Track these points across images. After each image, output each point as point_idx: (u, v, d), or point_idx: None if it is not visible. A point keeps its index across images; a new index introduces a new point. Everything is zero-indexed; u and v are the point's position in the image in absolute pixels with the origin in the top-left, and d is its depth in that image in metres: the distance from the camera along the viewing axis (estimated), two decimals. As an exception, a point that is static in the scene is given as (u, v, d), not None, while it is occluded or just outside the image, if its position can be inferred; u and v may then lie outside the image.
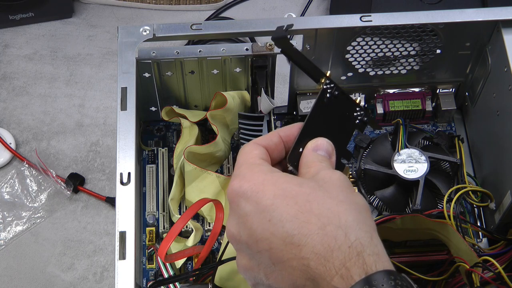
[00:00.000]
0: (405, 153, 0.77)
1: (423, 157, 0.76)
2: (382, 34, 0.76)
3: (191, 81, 0.80)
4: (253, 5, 1.08)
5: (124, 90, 0.69)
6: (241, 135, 0.76)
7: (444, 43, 0.78)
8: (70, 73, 1.01)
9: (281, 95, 0.92)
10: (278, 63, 0.80)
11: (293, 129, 0.56)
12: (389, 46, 0.78)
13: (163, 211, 0.79)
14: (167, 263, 0.74)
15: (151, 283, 0.73)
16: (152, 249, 0.78)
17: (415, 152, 0.77)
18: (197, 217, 0.80)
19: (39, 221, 0.89)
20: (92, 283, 0.85)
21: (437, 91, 0.85)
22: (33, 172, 0.92)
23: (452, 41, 0.77)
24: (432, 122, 0.87)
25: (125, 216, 0.63)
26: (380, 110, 0.85)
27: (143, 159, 0.84)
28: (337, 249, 0.46)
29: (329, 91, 0.57)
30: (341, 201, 0.49)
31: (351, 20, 0.73)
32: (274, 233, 0.48)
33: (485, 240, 0.79)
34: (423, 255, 0.75)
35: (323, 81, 0.57)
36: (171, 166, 0.82)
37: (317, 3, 1.08)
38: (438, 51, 0.79)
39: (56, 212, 0.89)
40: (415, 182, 0.75)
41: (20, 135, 0.95)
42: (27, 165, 0.92)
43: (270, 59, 0.78)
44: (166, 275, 0.75)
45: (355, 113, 0.59)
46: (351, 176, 0.81)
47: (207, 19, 1.06)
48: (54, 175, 0.90)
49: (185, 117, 0.81)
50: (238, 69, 0.79)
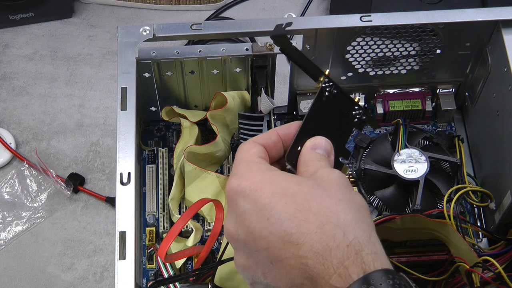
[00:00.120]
0: (405, 153, 0.77)
1: (423, 157, 0.76)
2: (382, 34, 0.76)
3: (191, 81, 0.80)
4: (253, 5, 1.08)
5: (124, 90, 0.69)
6: (241, 135, 0.76)
7: (444, 43, 0.78)
8: (70, 73, 1.01)
9: (281, 95, 0.92)
10: (278, 63, 0.80)
11: (292, 128, 0.55)
12: (389, 46, 0.78)
13: (163, 211, 0.79)
14: (167, 263, 0.74)
15: (151, 283, 0.73)
16: (152, 249, 0.78)
17: (415, 152, 0.77)
18: (197, 217, 0.80)
19: (39, 221, 0.89)
20: (92, 283, 0.85)
21: (437, 91, 0.85)
22: (33, 172, 0.92)
23: (452, 41, 0.77)
24: (432, 122, 0.87)
25: (125, 216, 0.63)
26: (380, 110, 0.85)
27: (143, 159, 0.84)
28: (335, 248, 0.46)
29: (327, 89, 0.57)
30: (340, 200, 0.49)
31: (351, 20, 0.73)
32: (272, 231, 0.48)
33: (485, 240, 0.79)
34: (423, 255, 0.75)
35: (321, 79, 0.57)
36: (171, 166, 0.82)
37: (317, 3, 1.08)
38: (438, 51, 0.79)
39: (56, 212, 0.89)
40: (415, 182, 0.75)
41: (20, 135, 0.95)
42: (27, 165, 0.92)
43: (270, 59, 0.78)
44: (166, 275, 0.75)
45: (354, 112, 0.59)
46: (351, 176, 0.81)
47: (207, 19, 1.06)
48: (54, 175, 0.90)
49: (185, 117, 0.81)
50: (238, 69, 0.79)
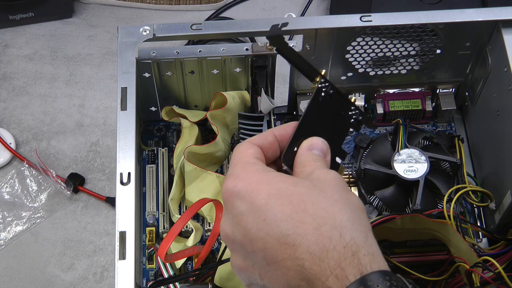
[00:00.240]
0: (405, 153, 0.77)
1: (423, 157, 0.76)
2: (382, 34, 0.76)
3: (191, 81, 0.80)
4: (253, 5, 1.08)
5: (124, 90, 0.69)
6: (241, 135, 0.76)
7: (444, 43, 0.78)
8: (70, 73, 1.01)
9: (281, 95, 0.92)
10: (278, 63, 0.80)
11: (288, 128, 0.55)
12: (389, 46, 0.78)
13: (163, 211, 0.79)
14: (167, 263, 0.74)
15: (151, 283, 0.73)
16: (152, 249, 0.78)
17: (415, 152, 0.77)
18: (197, 217, 0.80)
19: (39, 221, 0.89)
20: (92, 283, 0.85)
21: (437, 91, 0.85)
22: (33, 172, 0.92)
23: (452, 41, 0.77)
24: (432, 122, 0.87)
25: (125, 216, 0.63)
26: (380, 110, 0.85)
27: (143, 159, 0.84)
28: (332, 249, 0.46)
29: (324, 90, 0.57)
30: (336, 200, 0.49)
31: (351, 20, 0.73)
32: (268, 232, 0.48)
33: (485, 240, 0.79)
34: (423, 255, 0.75)
35: (318, 80, 0.57)
36: (171, 166, 0.82)
37: (317, 3, 1.08)
38: (438, 51, 0.79)
39: (56, 212, 0.89)
40: (415, 182, 0.75)
41: (20, 135, 0.95)
42: (27, 165, 0.92)
43: (270, 59, 0.78)
44: (166, 275, 0.75)
45: (350, 112, 0.59)
46: (351, 176, 0.81)
47: (207, 19, 1.06)
48: (54, 175, 0.90)
49: (185, 117, 0.81)
50: (238, 69, 0.79)
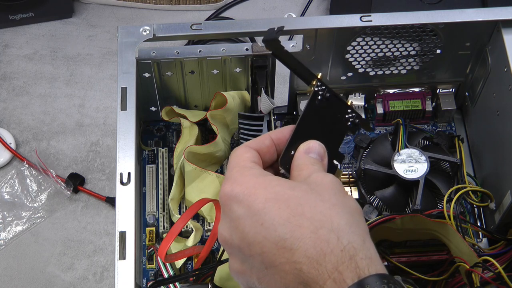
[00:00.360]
0: (405, 153, 0.77)
1: (423, 157, 0.76)
2: (382, 34, 0.76)
3: (191, 81, 0.80)
4: (253, 5, 1.08)
5: (124, 90, 0.69)
6: (241, 135, 0.76)
7: (444, 43, 0.78)
8: (70, 73, 1.01)
9: (281, 95, 0.92)
10: (278, 63, 0.79)
11: (285, 132, 0.55)
12: (389, 46, 0.78)
13: (163, 211, 0.79)
14: (167, 263, 0.74)
15: (151, 283, 0.73)
16: (152, 249, 0.78)
17: (415, 152, 0.77)
18: (197, 217, 0.80)
19: (39, 221, 0.89)
20: (92, 283, 0.85)
21: (437, 91, 0.85)
22: (33, 172, 0.92)
23: (452, 41, 0.77)
24: (432, 122, 0.87)
25: (125, 216, 0.63)
26: (380, 110, 0.85)
27: (143, 159, 0.84)
28: (329, 253, 0.46)
29: (320, 93, 0.57)
30: (334, 204, 0.49)
31: (351, 20, 0.73)
32: (266, 236, 0.48)
33: (485, 240, 0.79)
34: (423, 255, 0.75)
35: (314, 83, 0.57)
36: (171, 166, 0.82)
37: (317, 3, 1.08)
38: (438, 51, 0.79)
39: (56, 212, 0.89)
40: (415, 182, 0.75)
41: (20, 135, 0.95)
42: (27, 165, 0.92)
43: (270, 59, 0.78)
44: (166, 275, 0.75)
45: (347, 115, 0.59)
46: (351, 176, 0.81)
47: (207, 19, 1.06)
48: (54, 175, 0.90)
49: (185, 117, 0.81)
50: (238, 69, 0.79)
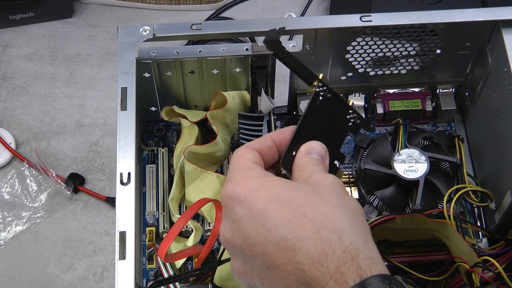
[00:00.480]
0: (405, 153, 0.77)
1: (423, 157, 0.76)
2: (382, 34, 0.76)
3: (191, 81, 0.80)
4: (253, 5, 1.08)
5: (124, 90, 0.69)
6: (241, 135, 0.76)
7: (444, 43, 0.78)
8: (70, 73, 1.01)
9: (281, 95, 0.92)
10: (278, 63, 0.79)
11: (286, 133, 0.55)
12: (389, 46, 0.78)
13: (163, 211, 0.79)
14: (167, 263, 0.74)
15: (151, 283, 0.73)
16: (152, 249, 0.78)
17: (415, 152, 0.77)
18: (197, 217, 0.80)
19: (39, 221, 0.89)
20: (92, 283, 0.85)
21: (437, 91, 0.85)
22: (33, 172, 0.92)
23: (452, 41, 0.77)
24: (432, 122, 0.87)
25: (125, 216, 0.63)
26: (380, 110, 0.85)
27: (143, 159, 0.84)
28: (331, 254, 0.46)
29: (321, 94, 0.57)
30: (335, 205, 0.49)
31: (351, 20, 0.73)
32: (268, 237, 0.48)
33: (485, 240, 0.79)
34: (423, 255, 0.75)
35: (315, 84, 0.57)
36: (171, 166, 0.82)
37: (317, 3, 1.08)
38: (438, 51, 0.79)
39: (56, 212, 0.89)
40: (415, 182, 0.75)
41: (20, 135, 0.95)
42: (27, 165, 0.92)
43: (270, 59, 0.78)
44: (166, 275, 0.75)
45: (348, 116, 0.59)
46: (351, 176, 0.81)
47: (207, 19, 1.06)
48: (54, 175, 0.90)
49: (185, 117, 0.81)
50: (238, 69, 0.79)
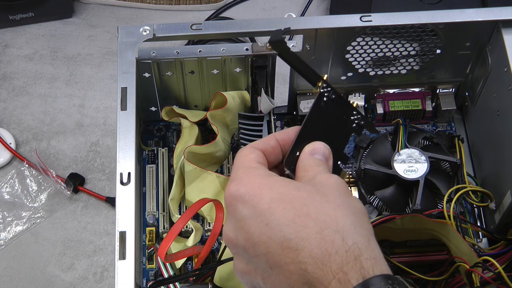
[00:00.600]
0: (405, 153, 0.77)
1: (423, 157, 0.76)
2: (382, 34, 0.76)
3: (191, 81, 0.80)
4: (253, 5, 1.08)
5: (124, 90, 0.69)
6: (241, 135, 0.76)
7: (444, 43, 0.78)
8: (70, 73, 1.01)
9: (281, 95, 0.92)
10: (278, 63, 0.80)
11: (290, 133, 0.56)
12: (389, 46, 0.78)
13: (163, 211, 0.79)
14: (167, 263, 0.74)
15: (151, 283, 0.73)
16: (152, 249, 0.78)
17: (415, 152, 0.77)
18: (197, 217, 0.80)
19: (39, 221, 0.89)
20: (92, 283, 0.85)
21: (437, 91, 0.85)
22: (33, 172, 0.92)
23: (452, 41, 0.77)
24: (432, 122, 0.87)
25: (125, 216, 0.63)
26: (380, 110, 0.85)
27: (143, 159, 0.84)
28: (334, 253, 0.46)
29: (326, 94, 0.57)
30: (339, 205, 0.49)
31: (351, 20, 0.73)
32: (271, 237, 0.48)
33: (485, 240, 0.79)
34: (423, 255, 0.75)
35: (320, 84, 0.57)
36: (171, 166, 0.82)
37: (317, 3, 1.08)
38: (438, 51, 0.79)
39: (56, 212, 0.89)
40: (415, 182, 0.75)
41: (20, 135, 0.95)
42: (27, 165, 0.92)
43: (270, 59, 0.78)
44: (166, 275, 0.75)
45: (352, 117, 0.59)
46: (351, 176, 0.81)
47: (207, 19, 1.06)
48: (54, 175, 0.90)
49: (185, 117, 0.81)
50: (238, 69, 0.79)
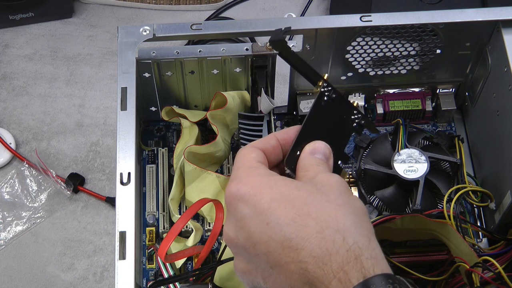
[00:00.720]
0: (405, 153, 0.77)
1: (423, 157, 0.76)
2: (382, 34, 0.76)
3: (191, 81, 0.80)
4: (253, 5, 1.08)
5: (124, 90, 0.69)
6: (241, 135, 0.76)
7: (444, 43, 0.78)
8: (70, 73, 1.01)
9: (281, 95, 0.92)
10: (278, 63, 0.80)
11: (291, 132, 0.56)
12: (389, 46, 0.78)
13: (163, 211, 0.79)
14: (167, 263, 0.74)
15: (151, 283, 0.73)
16: (152, 249, 0.78)
17: (415, 152, 0.77)
18: (197, 217, 0.80)
19: (39, 221, 0.89)
20: (92, 283, 0.85)
21: (437, 91, 0.85)
22: (33, 172, 0.92)
23: (452, 41, 0.77)
24: (432, 122, 0.87)
25: (125, 216, 0.63)
26: (380, 110, 0.85)
27: (143, 159, 0.84)
28: (335, 253, 0.46)
29: (326, 94, 0.57)
30: (339, 204, 0.49)
31: (351, 20, 0.73)
32: (272, 236, 0.48)
33: (485, 240, 0.79)
34: (423, 255, 0.75)
35: (320, 84, 0.58)
36: (171, 166, 0.82)
37: (317, 3, 1.08)
38: (438, 51, 0.79)
39: (56, 212, 0.89)
40: (415, 182, 0.75)
41: (20, 135, 0.95)
42: (27, 165, 0.92)
43: (270, 59, 0.78)
44: (166, 275, 0.75)
45: (353, 117, 0.59)
46: (351, 176, 0.81)
47: (207, 19, 1.06)
48: (54, 175, 0.90)
49: (185, 117, 0.81)
50: (238, 69, 0.79)
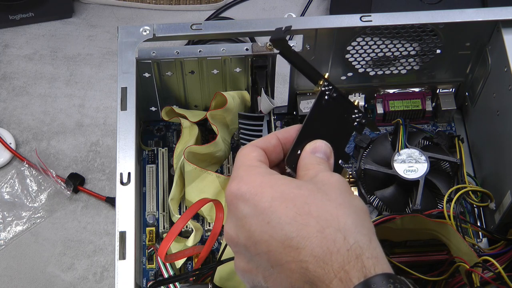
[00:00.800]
0: (405, 153, 0.77)
1: (423, 157, 0.76)
2: (382, 34, 0.76)
3: (191, 81, 0.80)
4: (253, 5, 1.08)
5: (124, 90, 0.69)
6: (241, 135, 0.76)
7: (444, 43, 0.78)
8: (70, 73, 1.01)
9: (281, 95, 0.92)
10: (278, 63, 0.80)
11: (291, 131, 0.56)
12: (389, 46, 0.78)
13: (163, 211, 0.79)
14: (167, 263, 0.74)
15: (151, 283, 0.73)
16: (152, 249, 0.78)
17: (415, 152, 0.77)
18: (197, 217, 0.80)
19: (39, 221, 0.89)
20: (92, 283, 0.85)
21: (437, 91, 0.85)
22: (33, 172, 0.92)
23: (452, 41, 0.77)
24: (432, 122, 0.87)
25: (125, 216, 0.63)
26: (380, 110, 0.85)
27: (143, 159, 0.84)
28: (336, 252, 0.46)
29: (327, 93, 0.57)
30: (340, 204, 0.49)
31: (351, 20, 0.73)
32: (272, 235, 0.48)
33: (485, 240, 0.79)
34: (423, 255, 0.75)
35: (321, 83, 0.57)
36: (171, 166, 0.82)
37: (317, 3, 1.08)
38: (438, 51, 0.79)
39: (56, 212, 0.89)
40: (415, 182, 0.75)
41: (20, 135, 0.95)
42: (27, 165, 0.92)
43: (270, 59, 0.78)
44: (166, 275, 0.75)
45: (354, 115, 0.59)
46: (351, 176, 0.81)
47: (207, 19, 1.06)
48: (54, 175, 0.90)
49: (185, 117, 0.81)
50: (238, 69, 0.79)
